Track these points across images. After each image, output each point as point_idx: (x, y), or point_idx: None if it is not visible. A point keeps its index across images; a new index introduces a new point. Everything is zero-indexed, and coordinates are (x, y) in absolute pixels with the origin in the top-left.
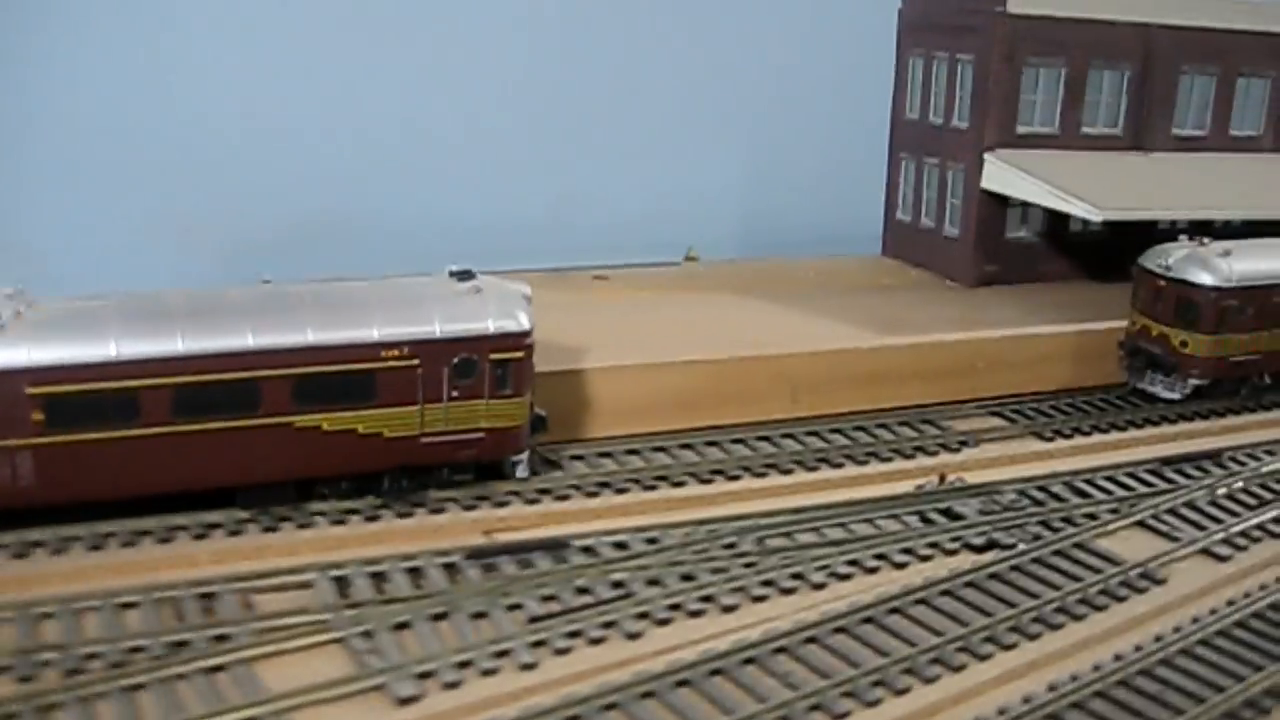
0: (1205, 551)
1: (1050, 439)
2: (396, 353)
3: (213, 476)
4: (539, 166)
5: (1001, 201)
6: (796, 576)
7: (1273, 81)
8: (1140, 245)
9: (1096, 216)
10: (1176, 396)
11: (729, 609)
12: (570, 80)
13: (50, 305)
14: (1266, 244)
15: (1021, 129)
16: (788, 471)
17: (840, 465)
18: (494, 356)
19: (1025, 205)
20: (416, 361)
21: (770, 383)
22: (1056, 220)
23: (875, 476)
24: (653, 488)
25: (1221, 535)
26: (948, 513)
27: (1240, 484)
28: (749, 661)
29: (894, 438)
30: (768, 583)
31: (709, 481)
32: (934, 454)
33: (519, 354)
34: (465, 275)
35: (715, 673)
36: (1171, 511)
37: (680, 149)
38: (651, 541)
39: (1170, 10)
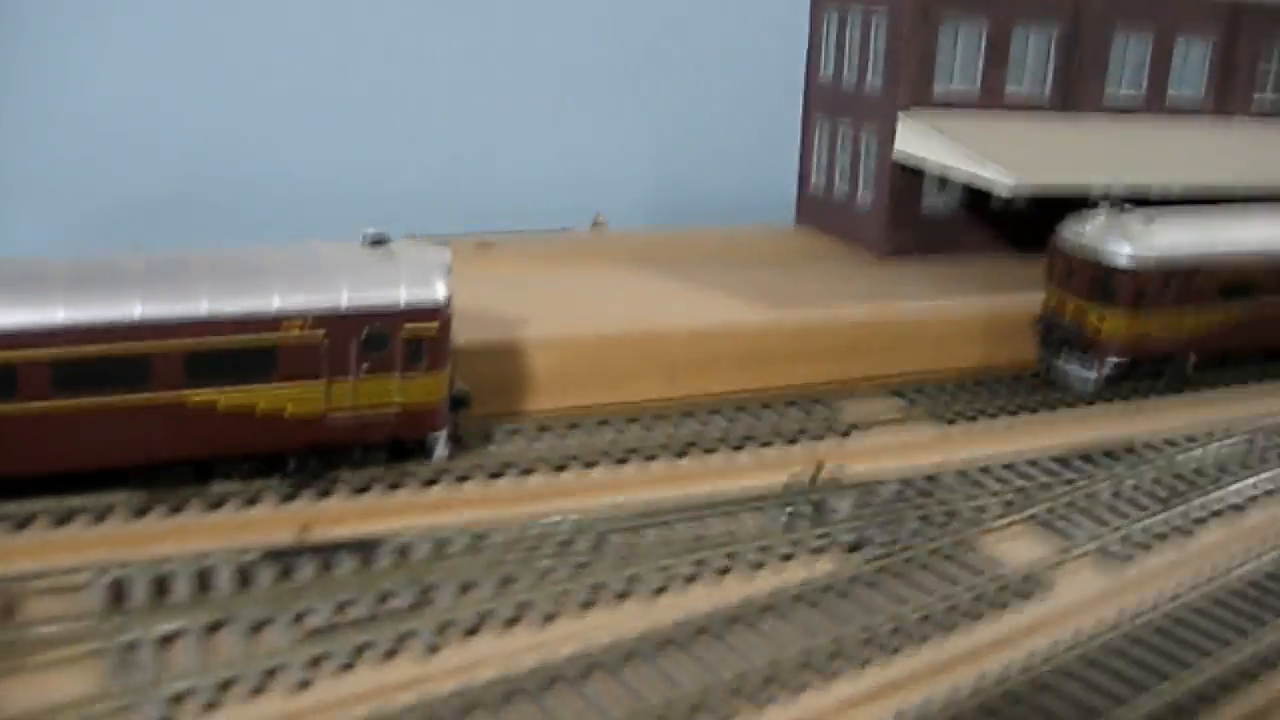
0: (1102, 552)
1: (951, 423)
2: (299, 325)
3: (99, 456)
4: (433, 128)
5: (917, 168)
6: (632, 581)
7: (1214, 44)
8: (1067, 211)
9: (1006, 185)
10: (1093, 378)
11: (548, 619)
12: (466, 36)
13: None
14: (1195, 213)
15: (939, 90)
16: (651, 459)
17: (712, 452)
18: (407, 329)
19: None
20: (322, 334)
21: (645, 362)
22: (977, 188)
23: (749, 466)
24: (498, 476)
25: (1121, 534)
26: (819, 508)
27: (1151, 476)
28: (553, 682)
29: (777, 421)
30: (597, 588)
31: (562, 469)
32: (818, 440)
33: (434, 326)
34: (379, 241)
35: (510, 696)
36: (1071, 507)
37: (586, 111)
38: (478, 539)
39: None
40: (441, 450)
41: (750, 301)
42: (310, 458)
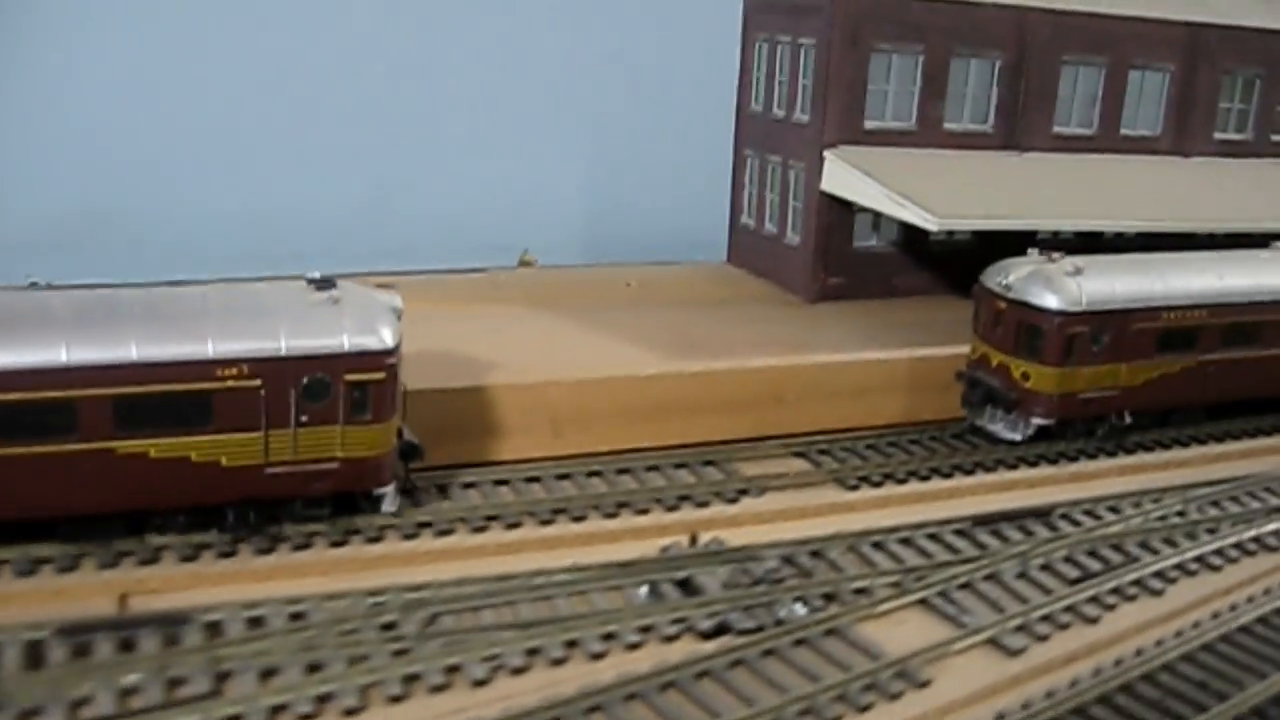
0: (993, 643)
1: (854, 487)
2: (235, 371)
3: (22, 507)
4: (352, 161)
5: (848, 206)
6: (452, 670)
7: (1171, 75)
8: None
9: (932, 225)
10: (1018, 438)
11: (350, 713)
12: (389, 65)
13: None
14: (1128, 260)
15: (870, 124)
16: (514, 526)
17: (582, 519)
18: (349, 378)
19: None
20: (259, 382)
21: (525, 415)
22: (914, 228)
23: (621, 533)
24: (340, 544)
25: (1019, 621)
26: (685, 585)
27: (1063, 552)
28: None
29: (661, 484)
30: (412, 678)
31: (413, 537)
32: (703, 505)
33: (379, 375)
34: (325, 284)
35: None
36: (967, 589)
37: (515, 144)
38: (296, 619)
39: None
40: (389, 505)
41: (655, 348)
42: (249, 510)
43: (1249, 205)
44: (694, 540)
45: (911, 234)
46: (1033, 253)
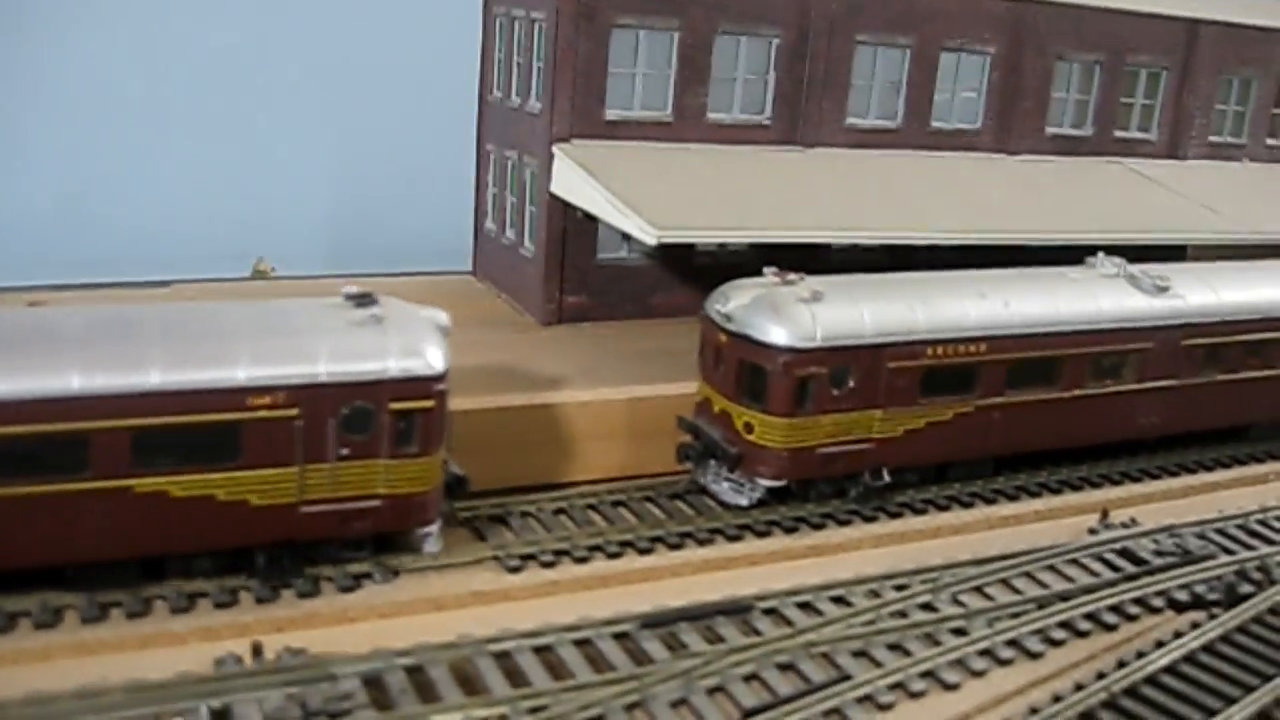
0: None
1: (516, 569)
2: (268, 400)
3: (26, 553)
4: (50, 156)
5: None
6: None
7: (992, 59)
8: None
9: (650, 239)
10: (744, 503)
11: None
12: (103, 55)
13: None
14: (887, 283)
15: (613, 114)
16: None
17: (141, 616)
18: (395, 406)
19: None
20: (295, 412)
21: None
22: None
23: (159, 638)
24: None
25: None
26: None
27: (748, 668)
28: None
29: (221, 574)
30: None
31: None
32: (307, 596)
33: (428, 403)
34: (365, 300)
35: None
36: None
37: (247, 142)
38: None
39: None
40: (433, 546)
41: None
42: (282, 554)
43: (1077, 213)
44: (257, 651)
45: (673, 245)
46: (769, 273)
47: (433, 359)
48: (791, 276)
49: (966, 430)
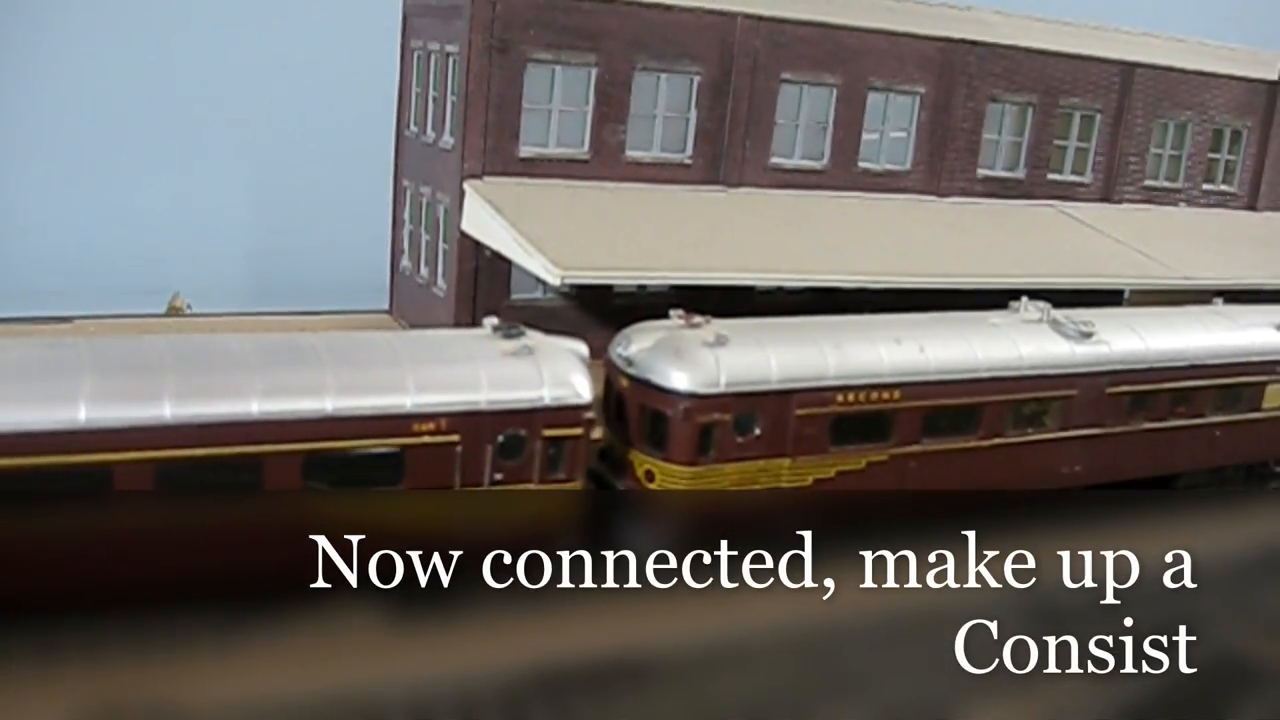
0: None
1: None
2: (432, 426)
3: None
4: None
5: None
6: None
7: (922, 99)
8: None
9: (553, 279)
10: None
11: None
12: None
13: None
14: (797, 326)
15: (527, 151)
16: None
17: None
18: (547, 433)
19: None
20: (456, 438)
21: None
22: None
23: None
24: None
25: None
26: None
27: None
28: None
29: None
30: None
31: None
32: None
33: (576, 430)
34: (514, 332)
35: None
36: None
37: (162, 171)
38: None
39: None
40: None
41: None
42: None
43: (1008, 256)
44: None
45: (589, 287)
46: (674, 315)
47: (580, 388)
48: (697, 319)
49: (881, 481)
